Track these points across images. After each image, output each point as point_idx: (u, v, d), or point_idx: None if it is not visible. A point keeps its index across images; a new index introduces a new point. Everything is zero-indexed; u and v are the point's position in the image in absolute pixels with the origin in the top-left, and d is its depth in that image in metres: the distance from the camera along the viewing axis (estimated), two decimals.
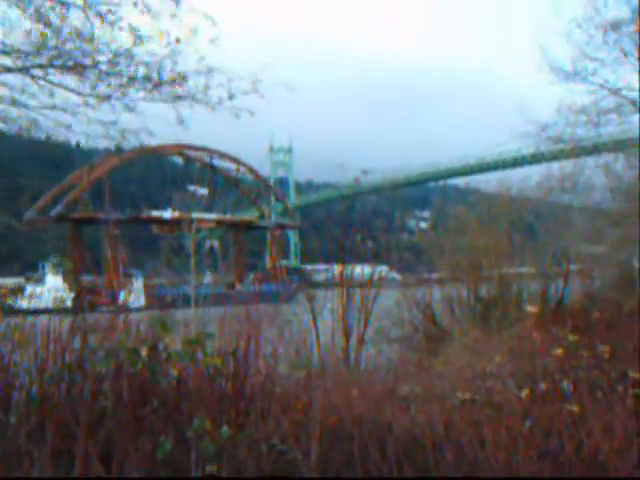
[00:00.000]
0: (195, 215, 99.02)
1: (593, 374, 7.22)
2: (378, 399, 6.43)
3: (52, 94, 9.82)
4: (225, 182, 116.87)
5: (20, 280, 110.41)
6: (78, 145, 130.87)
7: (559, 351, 7.34)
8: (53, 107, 9.93)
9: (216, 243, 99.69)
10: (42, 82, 9.75)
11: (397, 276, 27.87)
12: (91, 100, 9.99)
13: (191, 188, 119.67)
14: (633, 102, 18.84)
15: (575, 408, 5.60)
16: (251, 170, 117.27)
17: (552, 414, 5.65)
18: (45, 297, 69.80)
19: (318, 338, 9.97)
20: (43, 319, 7.34)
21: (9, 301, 58.02)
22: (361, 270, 14.83)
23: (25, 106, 9.92)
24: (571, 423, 5.41)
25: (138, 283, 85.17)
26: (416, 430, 5.52)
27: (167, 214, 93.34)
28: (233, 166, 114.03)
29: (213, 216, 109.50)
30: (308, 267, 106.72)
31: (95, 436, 5.29)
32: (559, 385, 6.92)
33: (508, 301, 18.64)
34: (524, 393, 6.30)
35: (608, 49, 18.60)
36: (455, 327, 17.44)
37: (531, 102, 22.55)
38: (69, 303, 70.31)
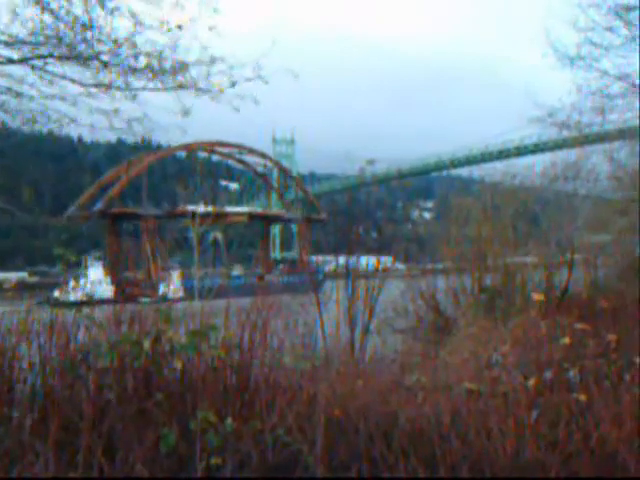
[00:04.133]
0: (228, 209, 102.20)
1: (600, 363, 7.18)
2: (383, 390, 6.40)
3: (53, 84, 9.79)
4: (254, 177, 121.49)
5: (24, 274, 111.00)
6: (80, 139, 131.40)
7: (566, 340, 7.29)
8: (55, 97, 9.91)
9: (219, 235, 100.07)
10: (43, 73, 9.71)
11: (401, 267, 27.85)
12: (93, 90, 9.97)
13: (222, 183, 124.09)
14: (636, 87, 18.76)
15: (583, 397, 5.56)
16: (278, 165, 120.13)
17: (559, 404, 5.61)
18: (88, 289, 70.54)
19: (323, 329, 9.93)
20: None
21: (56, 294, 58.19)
22: (366, 261, 14.82)
23: (27, 97, 9.89)
24: (578, 412, 5.37)
25: (176, 275, 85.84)
26: (422, 421, 5.49)
27: (201, 208, 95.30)
28: (260, 161, 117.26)
29: (245, 209, 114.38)
30: (314, 258, 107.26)
31: (99, 429, 5.26)
32: (565, 374, 6.89)
33: (513, 291, 18.61)
34: (531, 382, 6.25)
35: (614, 35, 18.53)
36: (460, 317, 17.40)
37: (538, 91, 22.48)
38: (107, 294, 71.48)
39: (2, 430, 5.53)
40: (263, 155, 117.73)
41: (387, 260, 19.19)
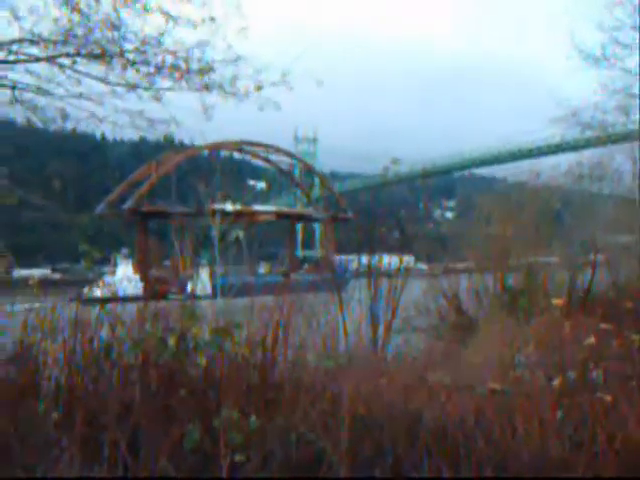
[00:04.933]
0: (255, 207, 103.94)
1: (624, 363, 7.14)
2: (407, 388, 6.39)
3: (79, 83, 9.84)
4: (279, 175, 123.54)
5: (46, 271, 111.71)
6: (103, 137, 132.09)
7: (592, 340, 7.26)
8: (80, 96, 9.95)
9: (241, 234, 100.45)
10: (69, 71, 9.77)
11: (423, 266, 27.78)
12: (118, 89, 10.01)
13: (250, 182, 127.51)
14: None
15: (608, 397, 5.53)
16: (305, 164, 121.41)
17: (583, 404, 5.59)
18: (117, 286, 72.14)
19: (346, 328, 9.92)
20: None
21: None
22: (388, 260, 14.79)
23: (52, 95, 9.94)
24: (603, 413, 5.35)
25: (205, 272, 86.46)
26: (446, 420, 5.48)
27: (228, 207, 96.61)
28: (286, 159, 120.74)
29: (272, 208, 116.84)
30: (337, 257, 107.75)
31: (123, 425, 5.29)
32: (589, 375, 6.86)
33: (536, 291, 18.50)
34: (555, 383, 6.23)
35: (639, 34, 18.39)
36: (482, 317, 17.30)
37: (561, 90, 22.39)
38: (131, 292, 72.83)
39: (27, 425, 5.57)
40: (290, 154, 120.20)
41: (409, 259, 19.15)
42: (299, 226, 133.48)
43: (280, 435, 5.28)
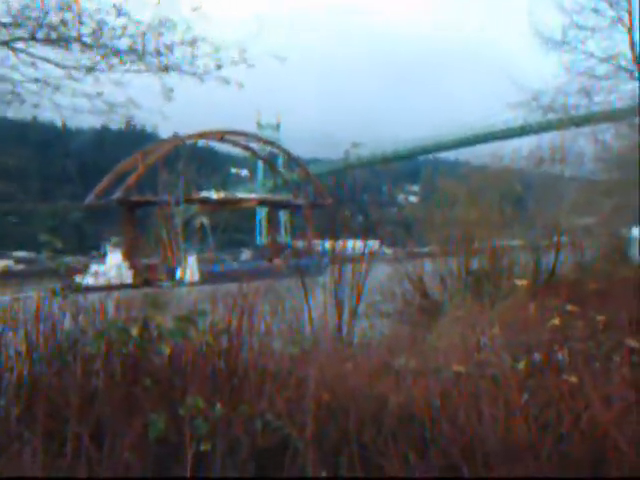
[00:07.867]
0: (238, 195, 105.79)
1: (588, 344, 7.18)
2: (372, 373, 6.38)
3: (35, 66, 9.67)
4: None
5: (9, 262, 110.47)
6: (65, 126, 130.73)
7: (556, 321, 7.29)
8: (37, 80, 9.79)
9: (205, 220, 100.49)
10: (24, 56, 9.60)
11: (388, 250, 27.83)
12: (75, 73, 9.86)
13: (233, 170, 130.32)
14: (626, 70, 18.78)
15: (573, 379, 5.55)
16: (287, 153, 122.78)
17: (549, 385, 5.60)
18: (107, 274, 72.94)
19: (310, 314, 9.91)
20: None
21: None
22: (352, 245, 14.80)
23: (8, 80, 9.77)
24: (568, 394, 5.36)
25: (192, 259, 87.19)
26: (411, 404, 5.48)
27: (213, 195, 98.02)
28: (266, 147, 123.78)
29: (254, 196, 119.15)
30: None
31: (86, 416, 5.22)
32: (554, 356, 6.89)
33: (500, 274, 18.60)
34: (521, 365, 6.25)
35: (600, 17, 18.54)
36: (447, 300, 17.37)
37: (524, 74, 22.46)
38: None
39: None
40: (270, 143, 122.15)
41: (374, 244, 19.18)
42: (263, 213, 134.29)
43: (246, 423, 5.25)
